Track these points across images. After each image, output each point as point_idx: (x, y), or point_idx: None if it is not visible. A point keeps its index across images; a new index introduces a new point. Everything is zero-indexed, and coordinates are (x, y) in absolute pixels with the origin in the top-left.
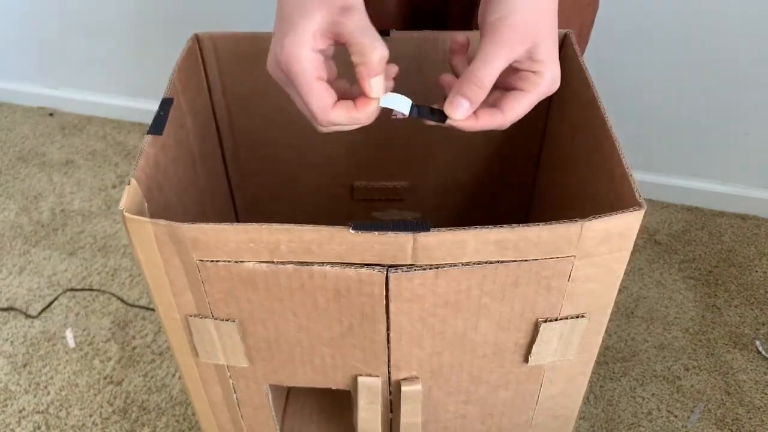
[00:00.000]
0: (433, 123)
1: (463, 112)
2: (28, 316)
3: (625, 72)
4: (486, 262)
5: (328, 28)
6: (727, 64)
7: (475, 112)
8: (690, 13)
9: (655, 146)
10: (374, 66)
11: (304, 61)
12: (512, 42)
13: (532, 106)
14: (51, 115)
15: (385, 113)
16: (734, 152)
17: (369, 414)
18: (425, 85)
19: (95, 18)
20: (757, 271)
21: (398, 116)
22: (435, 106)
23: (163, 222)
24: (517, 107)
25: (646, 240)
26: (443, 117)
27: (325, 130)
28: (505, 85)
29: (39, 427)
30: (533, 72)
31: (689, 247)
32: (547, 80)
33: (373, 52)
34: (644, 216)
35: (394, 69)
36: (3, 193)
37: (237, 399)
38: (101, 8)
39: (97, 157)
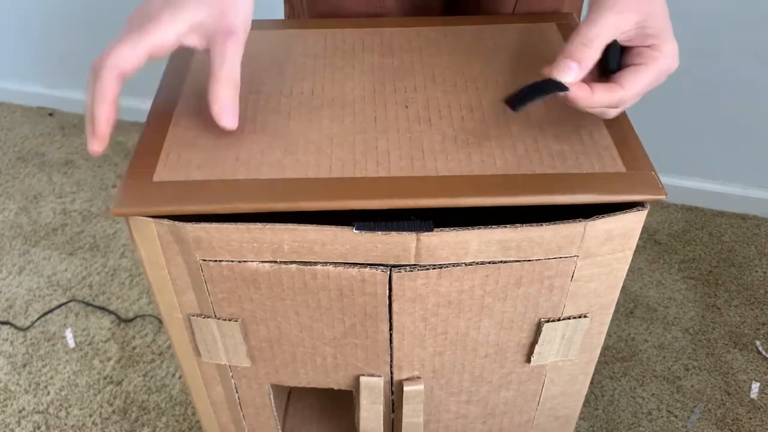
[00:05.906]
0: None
1: (572, 75)
2: (18, 328)
3: None
4: (489, 262)
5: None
6: (727, 63)
7: (591, 86)
8: (690, 13)
9: (656, 146)
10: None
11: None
12: (620, 8)
13: (653, 85)
14: (51, 115)
15: None
16: (734, 152)
17: (371, 414)
18: None
19: (95, 18)
20: (757, 271)
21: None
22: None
23: (166, 221)
24: (635, 82)
25: (646, 240)
26: (560, 86)
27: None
28: (623, 66)
29: (39, 427)
30: (647, 47)
31: (689, 247)
32: (664, 54)
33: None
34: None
35: None
36: (3, 193)
37: (239, 399)
38: (101, 8)
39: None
